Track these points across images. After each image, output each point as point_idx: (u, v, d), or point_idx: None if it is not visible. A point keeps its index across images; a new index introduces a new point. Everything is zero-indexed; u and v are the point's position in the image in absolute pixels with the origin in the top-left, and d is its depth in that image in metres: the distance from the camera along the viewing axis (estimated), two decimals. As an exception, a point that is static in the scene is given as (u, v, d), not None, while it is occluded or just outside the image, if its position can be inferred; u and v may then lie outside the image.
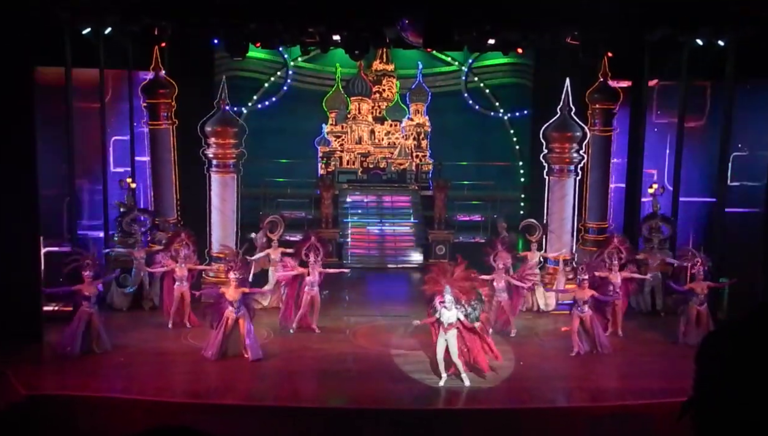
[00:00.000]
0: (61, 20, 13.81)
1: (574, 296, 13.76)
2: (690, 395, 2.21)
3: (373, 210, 22.36)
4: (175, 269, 14.92)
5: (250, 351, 13.00)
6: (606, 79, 17.93)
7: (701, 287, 14.09)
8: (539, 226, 16.69)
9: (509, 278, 14.68)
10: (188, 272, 15.02)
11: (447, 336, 11.91)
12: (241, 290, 13.11)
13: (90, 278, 13.28)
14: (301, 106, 23.43)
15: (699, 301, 14.05)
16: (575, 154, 16.85)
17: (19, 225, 13.49)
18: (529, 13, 13.56)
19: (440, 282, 11.95)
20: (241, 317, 13.04)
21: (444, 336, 11.94)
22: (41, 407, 11.30)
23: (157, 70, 17.67)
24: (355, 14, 13.83)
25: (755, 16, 13.14)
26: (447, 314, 11.82)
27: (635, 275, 15.30)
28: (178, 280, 14.90)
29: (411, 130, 23.90)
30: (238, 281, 13.20)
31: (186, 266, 14.96)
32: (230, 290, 13.07)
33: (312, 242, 14.99)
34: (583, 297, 13.56)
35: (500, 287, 14.58)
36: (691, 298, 14.13)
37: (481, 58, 23.23)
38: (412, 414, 11.57)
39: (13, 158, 13.39)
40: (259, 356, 13.01)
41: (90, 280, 13.27)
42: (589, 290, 13.63)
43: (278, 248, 16.22)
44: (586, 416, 11.64)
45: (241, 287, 13.16)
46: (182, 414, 11.39)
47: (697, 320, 14.00)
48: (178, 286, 14.88)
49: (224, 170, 16.97)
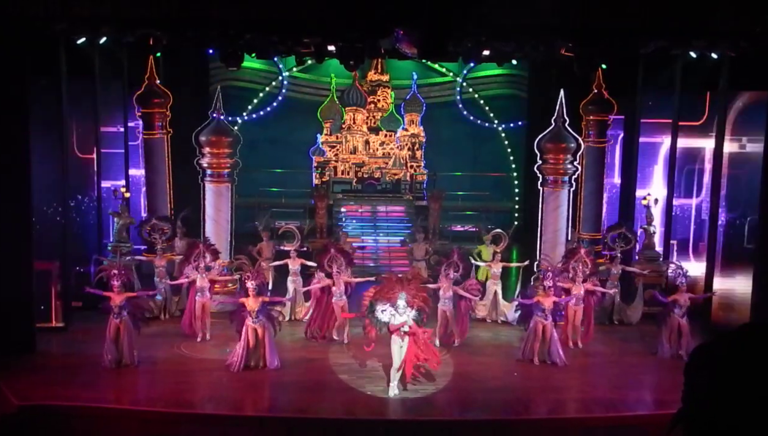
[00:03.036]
0: (57, 30, 13.82)
1: (538, 302, 13.57)
2: (680, 408, 2.23)
3: (368, 220, 22.37)
4: (196, 280, 14.84)
5: (268, 360, 13.01)
6: (600, 90, 18.02)
7: (684, 298, 14.05)
8: (506, 235, 16.96)
9: (456, 289, 14.69)
10: (209, 282, 14.94)
11: (402, 342, 11.95)
12: (260, 299, 13.02)
13: (118, 289, 13.10)
14: (296, 116, 23.46)
15: (681, 313, 14.01)
16: (569, 166, 16.89)
17: (12, 237, 13.45)
18: (523, 24, 13.60)
19: (395, 289, 11.98)
20: (261, 326, 12.98)
21: (400, 342, 11.96)
22: (34, 417, 11.25)
23: (152, 79, 17.70)
24: (350, 25, 13.86)
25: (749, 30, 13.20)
26: (399, 318, 11.86)
27: (598, 288, 15.20)
28: (198, 291, 14.80)
29: (406, 140, 23.95)
30: (257, 289, 13.12)
31: (207, 277, 14.87)
32: (249, 300, 12.97)
33: (332, 253, 15.00)
34: (548, 305, 13.50)
35: (447, 296, 14.66)
36: (672, 309, 14.07)
37: (475, 69, 23.30)
38: (405, 425, 11.55)
39: (7, 170, 13.36)
40: (276, 366, 13.02)
41: (118, 290, 13.09)
42: (551, 297, 13.58)
43: (297, 259, 16.29)
44: (578, 428, 11.63)
45: (260, 297, 13.07)
46: (175, 424, 11.37)
47: (678, 332, 13.99)
48: (199, 297, 14.77)
49: (219, 180, 16.97)
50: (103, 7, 12.73)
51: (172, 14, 13.10)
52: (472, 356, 14.18)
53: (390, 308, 11.89)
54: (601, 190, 18.73)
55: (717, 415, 2.09)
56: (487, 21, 13.26)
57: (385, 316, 11.93)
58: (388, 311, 11.91)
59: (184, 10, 13.03)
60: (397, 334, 11.93)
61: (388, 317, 11.91)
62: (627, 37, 14.30)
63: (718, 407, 2.09)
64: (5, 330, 13.16)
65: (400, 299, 11.86)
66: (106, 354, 12.94)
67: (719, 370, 2.13)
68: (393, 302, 11.91)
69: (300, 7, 13.14)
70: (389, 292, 12.05)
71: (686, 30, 13.82)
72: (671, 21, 13.27)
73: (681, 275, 14.38)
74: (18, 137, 13.37)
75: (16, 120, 13.32)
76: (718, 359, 2.16)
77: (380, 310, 11.96)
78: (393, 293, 11.97)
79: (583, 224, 18.77)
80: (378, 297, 12.14)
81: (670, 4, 13.07)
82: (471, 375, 13.20)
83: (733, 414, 2.06)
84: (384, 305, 11.94)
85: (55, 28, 13.71)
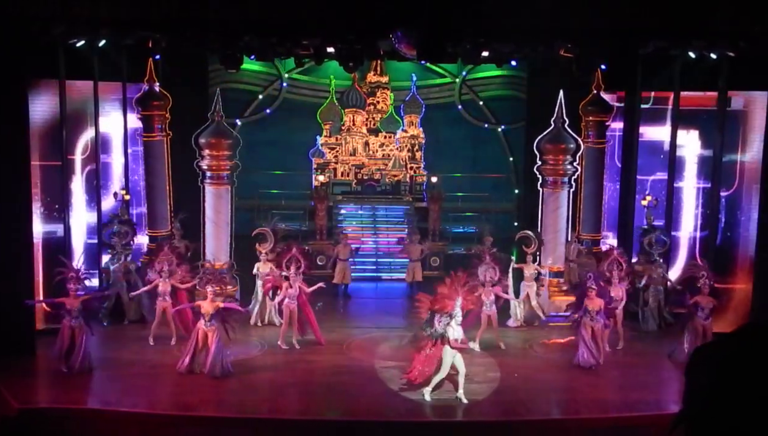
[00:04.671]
0: (56, 33, 13.82)
1: (586, 306, 13.45)
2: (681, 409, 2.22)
3: (368, 222, 22.36)
4: (158, 284, 14.70)
5: (208, 365, 12.76)
6: (599, 91, 18.02)
7: (706, 300, 13.78)
8: (535, 238, 16.63)
9: (497, 291, 14.64)
10: (171, 287, 14.72)
11: (447, 355, 11.87)
12: (216, 304, 12.99)
13: (74, 292, 13.06)
14: (296, 118, 23.42)
15: (704, 315, 13.71)
16: (569, 166, 16.89)
17: (12, 238, 13.44)
18: (522, 25, 13.60)
19: (453, 297, 11.87)
20: (211, 330, 12.91)
21: (451, 354, 11.89)
22: (34, 421, 11.26)
23: (152, 82, 17.69)
24: (349, 27, 13.87)
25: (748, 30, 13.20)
26: (457, 330, 11.82)
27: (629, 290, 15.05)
28: (160, 295, 14.68)
29: (405, 141, 23.93)
30: (215, 294, 13.11)
31: (169, 281, 14.68)
32: (205, 304, 12.99)
33: (293, 253, 14.70)
34: (595, 307, 13.40)
35: (489, 300, 14.60)
36: (695, 312, 13.79)
37: (474, 71, 23.27)
38: (405, 426, 11.55)
39: (6, 171, 13.36)
40: (216, 374, 12.69)
41: (74, 294, 13.05)
42: (599, 300, 13.45)
43: (267, 262, 15.98)
44: (580, 429, 11.63)
45: (216, 302, 13.04)
46: (175, 427, 11.36)
47: (703, 336, 13.56)
48: (160, 301, 14.65)
49: (218, 182, 16.96)
50: (102, 9, 12.75)
51: (171, 16, 13.12)
52: (473, 358, 14.17)
53: (447, 318, 11.80)
54: (600, 191, 18.71)
55: (718, 416, 2.09)
56: (486, 22, 13.27)
57: (442, 327, 11.84)
58: (444, 321, 11.81)
59: (183, 12, 13.05)
60: (455, 344, 11.88)
61: (444, 329, 11.84)
62: (626, 37, 14.30)
63: (719, 408, 2.09)
64: (6, 333, 13.15)
65: (457, 306, 11.80)
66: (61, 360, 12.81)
67: (720, 371, 2.12)
68: (450, 311, 11.82)
69: (299, 9, 13.15)
70: (446, 301, 11.92)
71: (685, 30, 13.82)
72: (670, 21, 13.28)
73: (704, 276, 14.00)
74: (18, 139, 13.37)
75: (15, 122, 13.31)
76: (718, 360, 2.15)
77: (438, 321, 11.86)
78: (450, 302, 11.85)
79: (582, 224, 18.76)
80: (437, 308, 11.97)
81: (669, 5, 13.08)
82: (471, 377, 13.18)
83: (734, 415, 2.05)
84: (442, 317, 11.84)
85: (54, 31, 13.71)
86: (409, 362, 12.59)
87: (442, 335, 11.84)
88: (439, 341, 11.88)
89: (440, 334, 11.85)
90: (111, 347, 14.34)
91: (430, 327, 11.95)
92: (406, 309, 17.45)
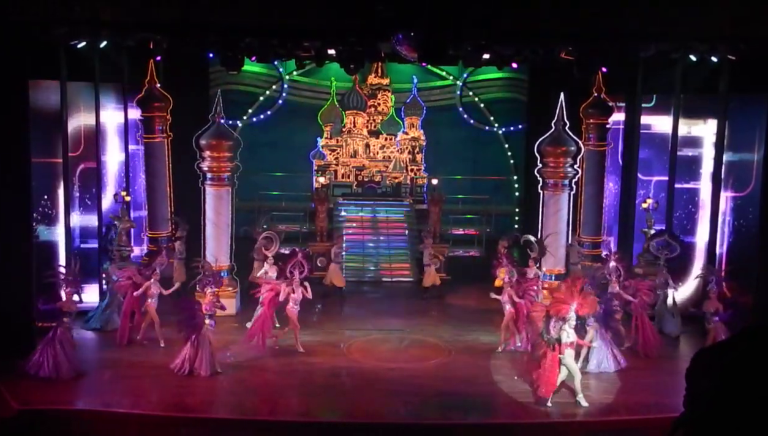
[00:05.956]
0: (57, 34, 13.82)
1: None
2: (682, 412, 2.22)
3: (368, 224, 22.35)
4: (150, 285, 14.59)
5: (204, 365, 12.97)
6: (600, 93, 18.02)
7: (714, 306, 13.65)
8: (536, 243, 16.64)
9: (511, 293, 14.61)
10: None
11: (565, 358, 11.95)
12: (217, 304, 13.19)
13: (70, 296, 13.02)
14: (296, 120, 23.44)
15: (725, 317, 13.49)
16: (569, 169, 16.89)
17: (12, 239, 13.44)
18: (523, 28, 13.60)
19: (569, 301, 11.87)
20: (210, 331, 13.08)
21: (570, 356, 11.98)
22: (34, 421, 11.25)
23: (152, 83, 17.70)
24: (349, 29, 13.87)
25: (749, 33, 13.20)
26: (571, 333, 11.88)
27: (628, 297, 14.66)
28: (150, 297, 14.56)
29: (406, 143, 23.93)
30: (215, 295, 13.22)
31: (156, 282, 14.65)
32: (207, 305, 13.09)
33: (298, 258, 14.63)
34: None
35: (504, 299, 14.61)
36: (708, 318, 13.68)
37: (475, 73, 23.29)
38: (406, 428, 11.54)
39: (7, 173, 13.36)
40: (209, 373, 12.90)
41: (70, 297, 13.03)
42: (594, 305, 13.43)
43: (274, 266, 15.84)
44: (581, 431, 11.62)
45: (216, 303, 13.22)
46: (175, 428, 11.36)
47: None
48: (149, 303, 14.55)
49: (219, 183, 16.94)
50: (104, 10, 12.74)
51: (173, 18, 13.12)
52: (474, 359, 14.16)
53: (561, 322, 11.83)
54: (601, 194, 18.72)
55: (719, 419, 2.08)
56: (487, 24, 13.27)
57: (556, 332, 11.86)
58: (559, 326, 11.85)
59: (184, 14, 13.04)
60: (571, 347, 11.94)
61: (558, 333, 11.86)
62: (627, 40, 14.31)
63: (720, 410, 2.08)
64: (6, 334, 13.13)
65: (571, 310, 11.82)
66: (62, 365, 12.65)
67: (720, 374, 2.12)
68: (565, 315, 11.83)
69: (300, 11, 13.15)
70: (562, 305, 11.90)
71: (686, 33, 13.83)
72: (671, 24, 13.28)
73: (713, 281, 13.92)
74: (19, 140, 13.37)
75: (16, 123, 13.31)
76: (719, 364, 2.15)
77: (553, 327, 11.90)
78: (566, 307, 11.84)
79: (583, 227, 18.76)
80: (552, 313, 11.99)
81: (670, 8, 13.07)
82: (472, 378, 13.18)
83: (735, 418, 2.05)
84: (558, 322, 11.87)
85: (55, 32, 13.72)
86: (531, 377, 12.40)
87: (558, 340, 11.88)
88: (556, 347, 11.91)
89: (556, 339, 11.90)
90: (111, 349, 14.30)
91: (546, 333, 12.01)
92: (405, 311, 17.49)
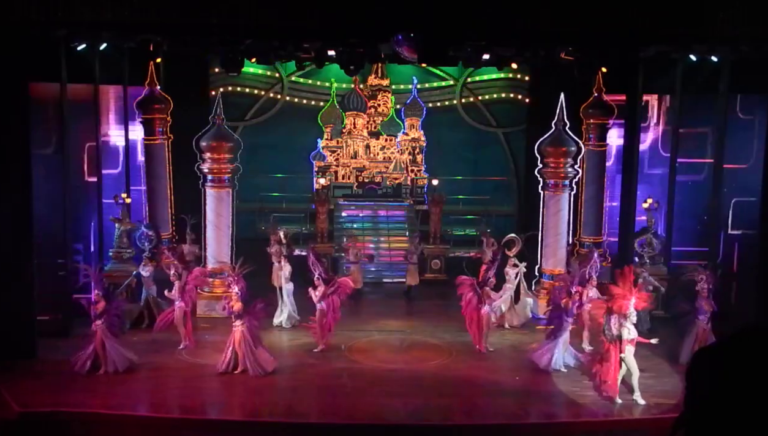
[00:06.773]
0: (57, 36, 13.83)
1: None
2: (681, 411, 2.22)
3: (369, 225, 22.35)
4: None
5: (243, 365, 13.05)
6: (600, 94, 18.01)
7: (705, 304, 13.74)
8: (518, 240, 16.64)
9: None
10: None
11: (626, 355, 11.93)
12: (240, 304, 13.09)
13: (99, 296, 13.08)
14: (297, 121, 23.47)
15: (705, 319, 13.67)
16: (570, 169, 16.88)
17: (13, 242, 13.44)
18: (523, 28, 13.60)
19: (628, 297, 11.83)
20: (244, 329, 13.03)
21: (623, 356, 11.95)
22: (35, 424, 11.25)
23: (153, 85, 17.71)
24: (349, 30, 13.87)
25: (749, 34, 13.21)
26: (632, 329, 11.86)
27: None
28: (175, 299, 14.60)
29: (406, 144, 23.93)
30: (240, 295, 13.17)
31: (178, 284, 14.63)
32: (236, 305, 13.06)
33: (312, 259, 14.80)
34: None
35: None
36: (697, 316, 13.77)
37: (475, 74, 23.31)
38: (406, 429, 11.54)
39: (7, 175, 13.36)
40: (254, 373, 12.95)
41: (99, 297, 13.07)
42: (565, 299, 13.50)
43: (288, 265, 16.23)
44: (581, 431, 11.62)
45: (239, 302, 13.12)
46: (177, 430, 11.36)
47: (703, 340, 13.51)
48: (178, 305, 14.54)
49: (219, 185, 16.94)
50: (104, 12, 12.74)
51: (173, 20, 13.13)
52: (475, 360, 14.16)
53: (622, 319, 11.81)
54: (601, 194, 18.71)
55: (719, 418, 2.09)
56: (487, 25, 13.27)
57: (617, 329, 11.86)
58: (618, 322, 11.84)
59: (184, 16, 13.05)
60: (632, 344, 11.93)
61: (619, 330, 11.85)
62: (627, 40, 14.31)
63: (720, 410, 2.09)
64: (6, 336, 13.14)
65: (631, 305, 11.79)
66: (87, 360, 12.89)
67: (720, 374, 2.12)
68: (626, 311, 11.80)
69: (300, 12, 13.15)
70: (622, 301, 11.85)
71: (687, 34, 13.83)
72: (672, 25, 13.28)
73: (703, 280, 13.95)
74: (19, 142, 13.37)
75: (16, 125, 13.32)
76: (718, 363, 2.15)
77: (613, 324, 11.89)
78: (626, 302, 11.81)
79: (583, 227, 18.75)
80: (614, 309, 11.95)
81: (670, 8, 13.08)
82: (472, 379, 13.18)
83: (735, 418, 2.05)
84: (618, 319, 11.85)
85: (55, 34, 13.72)
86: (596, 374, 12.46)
87: (619, 337, 11.87)
88: (617, 343, 11.90)
89: (617, 336, 11.89)
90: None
91: (608, 330, 11.99)
92: (406, 312, 17.49)
